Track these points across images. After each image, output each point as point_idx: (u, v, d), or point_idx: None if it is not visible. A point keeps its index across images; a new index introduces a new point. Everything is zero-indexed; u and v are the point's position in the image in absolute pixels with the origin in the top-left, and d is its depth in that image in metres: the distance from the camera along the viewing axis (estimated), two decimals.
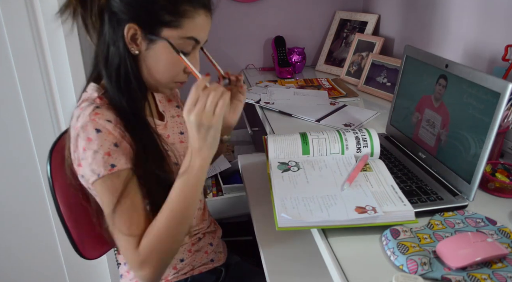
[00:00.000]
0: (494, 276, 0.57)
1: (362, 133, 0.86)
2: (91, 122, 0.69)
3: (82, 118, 0.70)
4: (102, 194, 0.70)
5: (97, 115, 0.70)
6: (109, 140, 0.69)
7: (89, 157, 0.68)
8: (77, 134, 0.70)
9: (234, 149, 1.86)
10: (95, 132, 0.68)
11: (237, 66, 1.87)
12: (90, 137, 0.68)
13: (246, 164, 1.26)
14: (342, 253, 0.64)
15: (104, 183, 0.69)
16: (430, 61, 0.87)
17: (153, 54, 0.73)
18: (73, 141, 0.71)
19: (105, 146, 0.68)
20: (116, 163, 0.69)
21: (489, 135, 0.69)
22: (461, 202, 0.74)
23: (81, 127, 0.69)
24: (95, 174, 0.68)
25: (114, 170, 0.69)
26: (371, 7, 1.77)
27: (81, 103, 0.74)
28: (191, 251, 0.91)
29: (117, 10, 0.70)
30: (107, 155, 0.68)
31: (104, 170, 0.68)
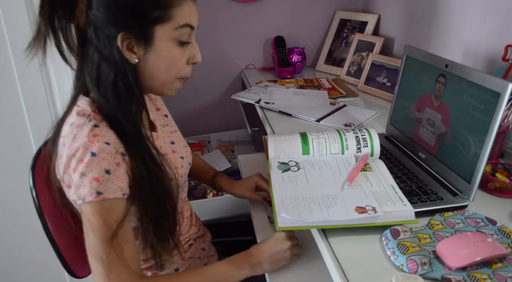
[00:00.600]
0: (494, 276, 0.57)
1: (362, 133, 0.86)
2: (88, 144, 0.65)
3: (79, 139, 0.66)
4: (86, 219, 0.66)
5: (95, 137, 0.66)
6: (101, 165, 0.65)
7: (76, 179, 0.65)
8: (72, 155, 0.66)
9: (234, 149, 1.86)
10: (90, 155, 0.64)
11: (237, 66, 1.87)
12: (82, 160, 0.64)
13: (246, 164, 1.26)
14: (342, 253, 0.64)
15: (89, 208, 0.65)
16: (430, 61, 0.87)
17: (154, 57, 0.71)
18: (66, 161, 0.67)
19: (95, 171, 0.64)
20: (102, 191, 0.65)
21: (489, 135, 0.69)
22: (461, 202, 0.74)
23: (77, 149, 0.65)
24: (80, 198, 0.65)
25: (100, 197, 0.64)
26: (371, 7, 1.77)
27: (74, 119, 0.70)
28: (184, 259, 0.89)
29: (102, 24, 0.67)
30: (95, 181, 0.64)
31: (90, 196, 0.64)
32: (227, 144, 1.89)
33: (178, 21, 0.70)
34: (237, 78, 1.91)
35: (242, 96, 1.40)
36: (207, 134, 1.95)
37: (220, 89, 1.92)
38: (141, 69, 0.72)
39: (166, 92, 0.78)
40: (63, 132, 0.70)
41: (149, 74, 0.73)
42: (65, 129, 0.70)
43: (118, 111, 0.70)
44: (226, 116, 1.97)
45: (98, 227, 0.65)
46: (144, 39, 0.69)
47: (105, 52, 0.68)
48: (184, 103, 1.89)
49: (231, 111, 1.95)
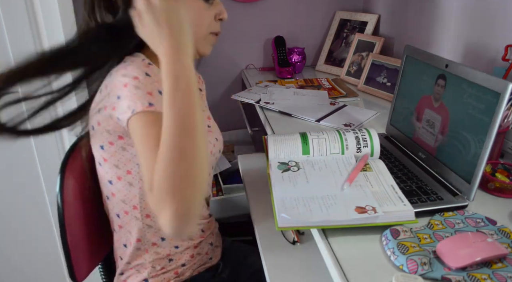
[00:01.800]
0: (494, 276, 0.57)
1: (362, 133, 0.86)
2: (143, 66, 0.68)
3: (134, 64, 0.68)
4: (135, 134, 0.65)
5: (150, 66, 0.69)
6: (155, 86, 0.67)
7: (129, 91, 0.65)
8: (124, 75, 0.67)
9: (234, 149, 1.86)
10: (144, 74, 0.66)
11: (237, 66, 1.87)
12: (137, 76, 0.66)
13: (246, 164, 1.26)
14: (342, 253, 0.64)
15: (140, 119, 0.64)
16: (430, 61, 0.87)
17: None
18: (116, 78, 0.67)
19: (150, 87, 0.66)
20: (155, 103, 0.65)
21: (489, 135, 0.69)
22: (461, 202, 0.74)
23: (131, 69, 0.67)
24: (130, 110, 0.65)
25: (151, 108, 0.64)
26: (371, 7, 1.77)
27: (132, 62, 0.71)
28: (193, 256, 0.90)
29: None
30: (148, 94, 0.65)
31: (141, 106, 0.64)
32: (227, 144, 1.89)
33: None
34: (237, 78, 1.91)
35: (242, 96, 1.40)
36: None
37: (220, 89, 1.92)
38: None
39: (202, 50, 0.80)
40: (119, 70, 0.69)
41: None
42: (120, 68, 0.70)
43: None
44: (226, 116, 1.97)
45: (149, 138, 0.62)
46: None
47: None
48: None
49: (231, 111, 1.95)
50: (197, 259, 0.91)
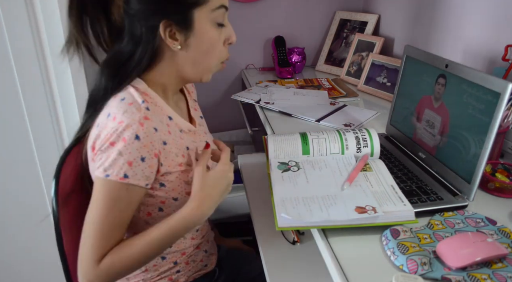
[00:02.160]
0: (494, 276, 0.57)
1: (362, 133, 0.86)
2: (137, 125, 0.66)
3: (130, 115, 0.66)
4: (99, 193, 0.68)
5: (146, 120, 0.67)
6: (140, 151, 0.66)
7: (112, 154, 0.65)
8: (116, 129, 0.66)
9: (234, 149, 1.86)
10: (134, 137, 0.65)
11: (237, 66, 1.87)
12: (125, 139, 0.65)
13: (246, 164, 1.26)
14: (342, 253, 0.64)
15: (107, 184, 0.67)
16: (430, 61, 0.87)
17: (195, 41, 0.72)
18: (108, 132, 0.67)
19: (133, 155, 0.66)
20: (130, 175, 0.66)
21: (489, 135, 0.69)
22: (461, 202, 0.74)
23: (125, 125, 0.66)
24: (104, 172, 0.66)
25: (125, 180, 0.66)
26: (371, 7, 1.77)
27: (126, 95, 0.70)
28: (188, 263, 0.89)
29: (142, 16, 0.68)
30: (128, 164, 0.66)
31: (116, 175, 0.66)
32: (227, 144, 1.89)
33: (215, 3, 0.71)
34: (237, 78, 1.91)
35: (242, 96, 1.40)
36: None
37: (220, 89, 1.92)
38: (183, 56, 0.73)
39: (205, 78, 0.79)
40: (111, 104, 0.69)
41: (192, 60, 0.74)
42: (113, 102, 0.69)
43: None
44: (226, 116, 1.97)
45: (105, 204, 0.67)
46: (184, 25, 0.70)
47: (146, 43, 0.70)
48: None
49: (231, 111, 1.95)
50: (192, 266, 0.90)
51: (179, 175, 0.75)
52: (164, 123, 0.73)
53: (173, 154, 0.73)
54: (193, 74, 0.77)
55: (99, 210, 0.67)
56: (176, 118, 0.77)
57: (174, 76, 0.77)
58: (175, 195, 0.76)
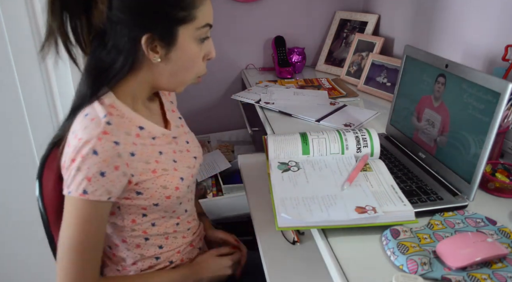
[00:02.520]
0: (494, 276, 0.57)
1: (362, 133, 0.86)
2: (95, 141, 0.65)
3: (88, 132, 0.66)
4: (66, 212, 0.68)
5: (105, 134, 0.66)
6: (99, 166, 0.65)
7: (72, 171, 0.66)
8: (76, 146, 0.66)
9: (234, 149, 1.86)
10: (91, 152, 0.65)
11: (237, 66, 1.87)
12: (83, 155, 0.65)
13: (246, 164, 1.26)
14: (342, 253, 0.64)
15: (70, 202, 0.67)
16: (430, 61, 0.87)
17: (175, 56, 0.72)
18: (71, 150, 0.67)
19: (91, 170, 0.65)
20: (89, 191, 0.66)
21: (489, 135, 0.69)
22: (461, 202, 0.74)
23: (84, 141, 0.65)
24: (67, 189, 0.67)
25: (85, 196, 0.66)
26: (371, 7, 1.77)
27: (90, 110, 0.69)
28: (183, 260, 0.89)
29: (124, 26, 0.67)
30: (87, 180, 0.65)
31: (76, 191, 0.66)
32: (227, 144, 1.89)
33: (201, 21, 0.71)
34: (237, 78, 1.91)
35: (242, 96, 1.40)
36: (207, 134, 1.95)
37: (220, 89, 1.92)
38: (161, 68, 0.73)
39: (178, 90, 0.79)
40: (77, 119, 0.70)
41: (169, 73, 0.74)
42: (79, 117, 0.70)
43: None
44: (226, 116, 1.97)
45: (71, 223, 0.68)
46: (167, 40, 0.69)
47: (126, 53, 0.69)
48: (184, 103, 1.89)
49: (231, 111, 1.95)
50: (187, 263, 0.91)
51: (154, 181, 0.74)
52: (133, 134, 0.72)
53: (143, 162, 0.73)
54: (167, 86, 0.77)
55: (69, 231, 0.68)
56: (148, 127, 0.76)
57: (147, 86, 0.77)
58: (154, 201, 0.76)
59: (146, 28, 0.67)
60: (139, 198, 0.74)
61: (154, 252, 0.83)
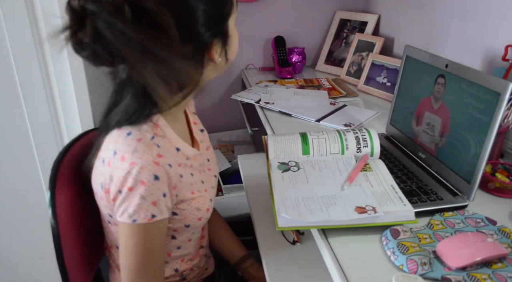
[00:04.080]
0: (494, 276, 0.57)
1: (362, 133, 0.86)
2: (152, 166, 0.62)
3: (141, 156, 0.62)
4: (131, 238, 0.66)
5: (160, 158, 0.64)
6: (161, 189, 0.64)
7: (134, 199, 0.62)
8: (128, 171, 0.61)
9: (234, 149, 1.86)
10: (153, 178, 0.62)
11: (237, 66, 1.87)
12: (144, 182, 0.62)
13: (246, 164, 1.26)
14: (342, 253, 0.64)
15: (136, 229, 0.65)
16: (430, 61, 0.87)
17: (230, 47, 0.70)
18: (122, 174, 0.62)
19: (156, 195, 0.63)
20: (157, 214, 0.65)
21: (489, 135, 0.69)
22: (461, 202, 0.74)
23: (139, 167, 0.61)
24: (130, 218, 0.64)
25: (153, 220, 0.65)
26: (371, 7, 1.77)
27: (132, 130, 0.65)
28: (192, 269, 0.89)
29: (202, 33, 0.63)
30: (153, 205, 0.64)
31: (144, 218, 0.64)
32: (227, 144, 1.89)
33: (236, 10, 0.69)
34: (237, 78, 1.91)
35: (242, 96, 1.40)
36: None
37: (220, 89, 1.92)
38: (220, 63, 0.70)
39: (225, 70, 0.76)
40: (116, 138, 0.65)
41: (221, 67, 0.71)
42: (118, 136, 0.65)
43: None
44: (226, 116, 1.97)
45: (137, 247, 0.66)
46: (225, 37, 0.68)
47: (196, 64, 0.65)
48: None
49: (231, 111, 1.95)
50: (196, 272, 0.91)
51: (190, 203, 0.74)
52: (174, 155, 0.70)
53: (188, 184, 0.72)
54: (213, 75, 0.74)
55: (140, 257, 0.67)
56: (183, 148, 0.73)
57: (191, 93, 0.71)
58: (187, 222, 0.75)
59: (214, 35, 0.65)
60: (173, 218, 0.73)
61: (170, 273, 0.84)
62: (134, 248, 0.67)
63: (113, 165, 0.63)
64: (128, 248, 0.67)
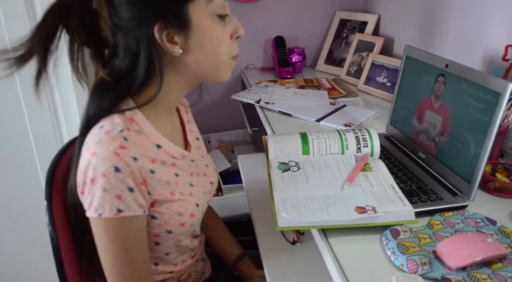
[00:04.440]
0: (494, 276, 0.57)
1: (362, 133, 0.86)
2: (113, 157, 0.60)
3: (103, 147, 0.61)
4: (99, 234, 0.64)
5: (123, 149, 0.61)
6: (125, 182, 0.61)
7: (97, 192, 0.61)
8: (89, 162, 0.61)
9: (234, 149, 1.86)
10: (113, 170, 0.60)
11: (237, 66, 1.87)
12: (105, 173, 0.60)
13: (246, 164, 1.26)
14: (342, 253, 0.64)
15: (104, 224, 0.63)
16: (430, 61, 0.87)
17: (196, 40, 0.64)
18: (85, 165, 0.62)
19: (119, 188, 0.61)
20: (123, 209, 0.62)
21: (489, 135, 0.69)
22: (461, 202, 0.74)
23: (99, 157, 0.60)
24: (96, 212, 0.62)
25: (120, 215, 0.62)
26: (371, 7, 1.77)
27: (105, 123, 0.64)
28: (190, 275, 0.88)
29: (132, 25, 0.61)
30: (117, 198, 0.61)
31: (109, 212, 0.61)
32: (227, 144, 1.89)
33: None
34: (237, 78, 1.91)
35: (242, 96, 1.40)
36: (207, 134, 1.95)
37: (220, 89, 1.92)
38: (185, 60, 0.66)
39: (222, 78, 0.71)
40: (91, 133, 0.64)
41: (195, 63, 0.67)
42: (93, 130, 0.64)
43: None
44: (226, 116, 1.97)
45: (111, 248, 0.64)
46: (180, 24, 0.62)
47: (144, 52, 0.63)
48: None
49: (231, 111, 1.95)
50: (194, 277, 0.90)
51: (170, 206, 0.70)
52: (150, 151, 0.67)
53: (163, 182, 0.69)
54: (202, 77, 0.71)
55: (115, 255, 0.65)
56: (166, 146, 0.71)
57: (174, 90, 0.70)
58: (168, 228, 0.72)
59: (154, 18, 0.61)
60: (153, 222, 0.70)
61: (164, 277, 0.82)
62: (107, 245, 0.64)
63: (82, 156, 0.63)
64: (101, 245, 0.65)
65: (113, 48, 0.65)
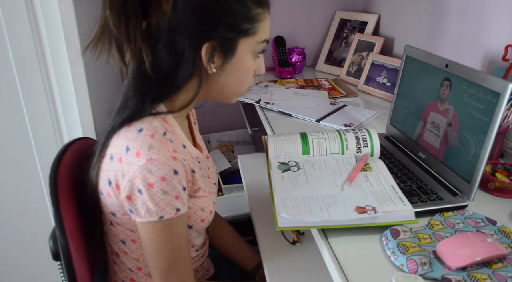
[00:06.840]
0: (494, 276, 0.57)
1: (362, 133, 0.86)
2: (171, 161, 0.63)
3: (158, 152, 0.62)
4: (153, 236, 0.66)
5: (176, 153, 0.64)
6: (181, 183, 0.65)
7: (156, 196, 0.62)
8: (144, 167, 0.61)
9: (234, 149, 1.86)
10: (173, 173, 0.63)
11: None
12: (164, 177, 0.62)
13: (246, 164, 1.26)
14: (342, 253, 0.64)
15: (161, 225, 0.65)
16: (430, 61, 0.87)
17: (231, 68, 0.69)
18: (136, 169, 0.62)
19: (177, 189, 0.64)
20: (181, 207, 0.65)
21: (489, 135, 0.69)
22: (461, 202, 0.74)
23: (157, 162, 0.61)
24: (157, 215, 0.63)
25: (179, 213, 0.65)
26: (371, 7, 1.77)
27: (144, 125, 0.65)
28: (198, 271, 0.89)
29: (186, 31, 0.63)
30: (176, 199, 0.64)
31: (170, 213, 0.64)
32: (227, 144, 1.89)
33: (261, 36, 0.70)
34: None
35: (242, 96, 1.40)
36: (207, 134, 1.95)
37: None
38: (214, 79, 0.70)
39: (232, 100, 0.78)
40: (127, 135, 0.65)
41: (222, 84, 0.72)
42: (129, 133, 0.65)
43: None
44: (226, 116, 1.97)
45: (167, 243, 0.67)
46: (228, 51, 0.67)
47: (187, 61, 0.65)
48: None
49: (231, 111, 1.95)
50: (201, 273, 0.91)
51: (196, 201, 0.73)
52: (182, 151, 0.69)
53: (198, 179, 0.72)
54: (218, 96, 0.76)
55: (169, 253, 0.68)
56: (188, 147, 0.73)
57: (196, 98, 0.72)
58: (190, 222, 0.74)
59: (209, 36, 0.64)
60: None
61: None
62: (163, 245, 0.67)
63: (125, 161, 0.63)
64: (156, 246, 0.67)
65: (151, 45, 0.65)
